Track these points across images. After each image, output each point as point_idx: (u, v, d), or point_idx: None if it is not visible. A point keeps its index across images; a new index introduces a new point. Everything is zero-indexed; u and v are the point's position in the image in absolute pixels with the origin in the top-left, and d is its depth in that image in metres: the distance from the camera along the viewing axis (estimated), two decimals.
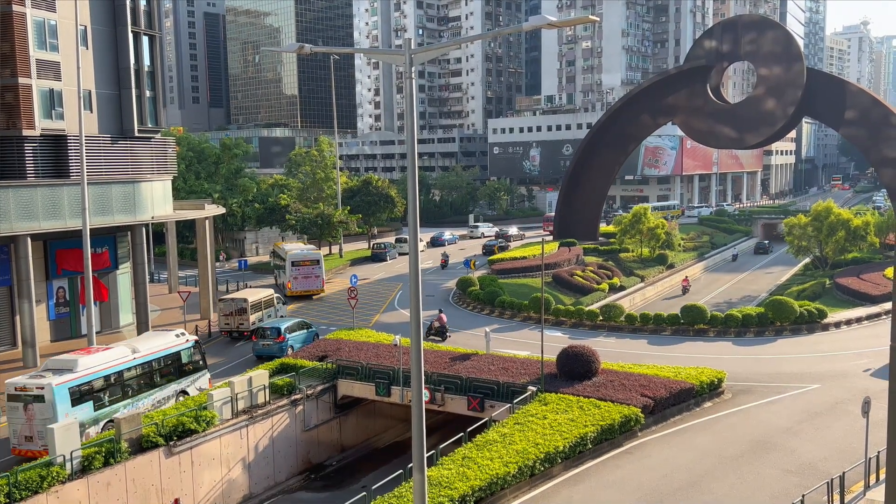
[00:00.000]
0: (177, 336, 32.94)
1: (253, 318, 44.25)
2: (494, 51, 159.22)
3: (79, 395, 27.35)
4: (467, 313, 49.54)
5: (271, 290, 49.29)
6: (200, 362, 33.70)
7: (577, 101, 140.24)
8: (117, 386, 29.16)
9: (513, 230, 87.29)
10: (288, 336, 39.96)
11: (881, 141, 61.31)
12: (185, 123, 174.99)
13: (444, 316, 43.10)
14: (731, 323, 42.20)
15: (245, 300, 44.44)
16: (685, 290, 64.61)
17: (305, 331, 41.58)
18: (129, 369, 29.73)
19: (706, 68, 69.60)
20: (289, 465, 31.33)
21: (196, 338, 34.80)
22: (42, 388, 26.41)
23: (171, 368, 31.88)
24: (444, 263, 69.16)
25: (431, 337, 40.94)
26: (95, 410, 28.03)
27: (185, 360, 32.63)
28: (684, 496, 22.62)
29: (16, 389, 26.78)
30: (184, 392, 32.27)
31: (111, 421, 27.97)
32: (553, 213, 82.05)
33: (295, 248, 59.88)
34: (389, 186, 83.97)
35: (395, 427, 35.91)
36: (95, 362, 28.52)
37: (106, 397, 28.61)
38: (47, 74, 39.40)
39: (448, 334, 41.80)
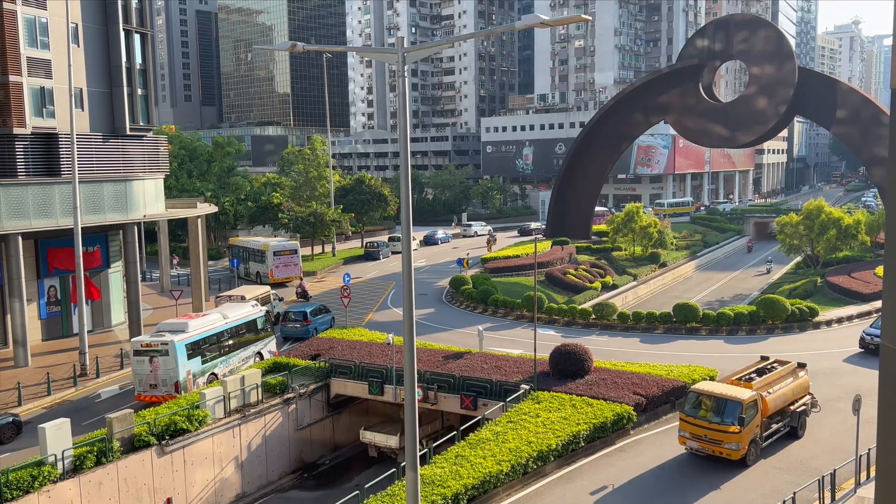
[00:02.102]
0: (252, 307, 37.53)
1: None
2: (487, 49, 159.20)
3: (191, 351, 32.15)
4: (460, 311, 49.52)
5: (268, 287, 50.62)
6: (270, 329, 38.40)
7: (569, 100, 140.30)
8: (216, 345, 33.97)
9: (534, 224, 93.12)
10: (313, 319, 43.43)
11: (872, 140, 61.48)
12: (177, 122, 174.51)
13: (304, 283, 51.64)
14: (723, 321, 42.31)
15: (243, 297, 44.80)
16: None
17: (326, 314, 45.11)
18: (223, 332, 34.57)
19: (698, 67, 69.72)
20: (281, 464, 31.32)
21: (266, 308, 39.57)
22: (166, 344, 31.20)
23: (250, 333, 36.58)
24: (490, 241, 76.80)
25: (299, 300, 50.59)
26: (202, 364, 32.78)
27: (260, 326, 37.42)
28: (677, 493, 22.70)
29: (142, 346, 31.44)
30: (259, 354, 36.80)
31: (214, 374, 33.15)
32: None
33: (260, 240, 64.10)
34: (382, 185, 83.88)
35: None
36: (201, 325, 33.31)
37: (209, 354, 33.30)
38: (38, 72, 39.23)
39: (309, 295, 48.58)
